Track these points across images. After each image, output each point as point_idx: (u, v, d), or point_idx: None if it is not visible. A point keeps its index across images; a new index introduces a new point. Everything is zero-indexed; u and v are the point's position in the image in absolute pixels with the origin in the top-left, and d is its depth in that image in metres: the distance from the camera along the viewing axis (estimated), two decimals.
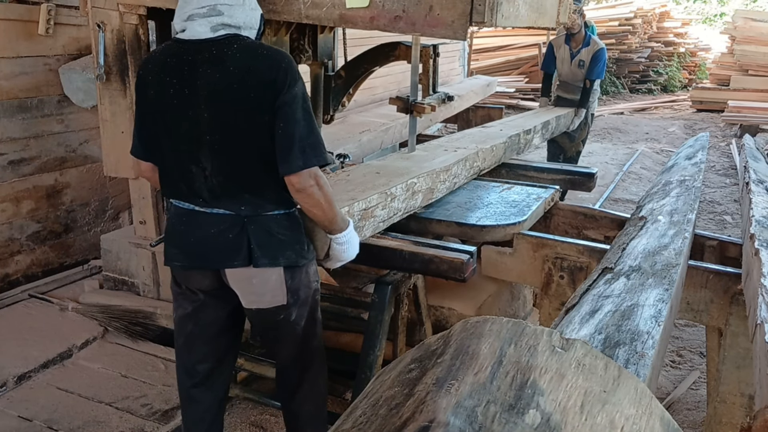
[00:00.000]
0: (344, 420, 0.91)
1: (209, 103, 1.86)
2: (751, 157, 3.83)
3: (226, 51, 1.86)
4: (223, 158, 1.90)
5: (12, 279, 3.77)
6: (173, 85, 1.90)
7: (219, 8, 1.87)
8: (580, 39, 5.65)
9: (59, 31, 3.79)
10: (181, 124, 1.91)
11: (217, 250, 1.94)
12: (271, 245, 1.94)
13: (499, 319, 1.00)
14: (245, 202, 1.92)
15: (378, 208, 2.45)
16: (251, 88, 1.84)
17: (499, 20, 2.43)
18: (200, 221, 1.95)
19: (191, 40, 1.89)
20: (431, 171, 2.89)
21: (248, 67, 1.85)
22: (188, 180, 1.94)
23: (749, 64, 12.01)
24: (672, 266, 1.91)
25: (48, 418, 2.74)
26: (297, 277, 2.02)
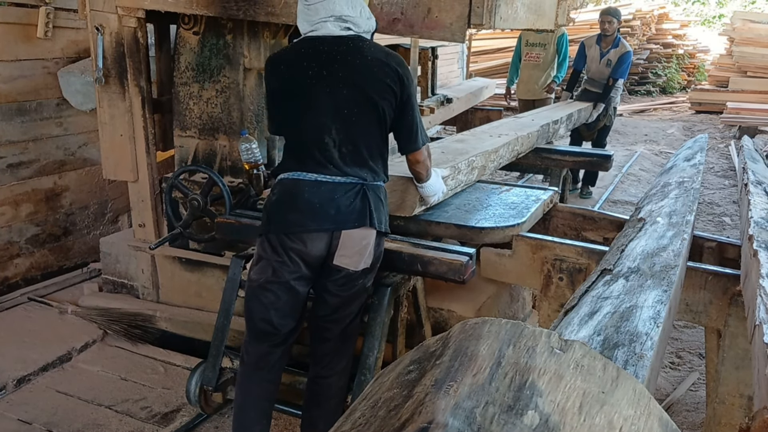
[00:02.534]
0: (343, 422, 0.91)
1: (349, 83, 2.19)
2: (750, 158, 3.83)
3: (361, 45, 2.22)
4: (354, 129, 2.22)
5: (11, 282, 3.77)
6: (312, 68, 2.21)
7: (344, 18, 2.19)
8: (610, 41, 6.23)
9: (58, 34, 3.80)
10: (318, 100, 2.21)
11: (340, 214, 2.21)
12: (380, 211, 2.28)
13: (498, 320, 1.00)
14: (369, 170, 2.26)
15: (449, 179, 2.90)
16: (386, 77, 2.20)
17: (497, 22, 2.43)
18: (325, 188, 2.22)
19: (325, 36, 2.20)
20: (485, 152, 3.37)
21: (383, 61, 2.21)
22: (320, 150, 2.23)
23: (748, 66, 12.02)
24: (671, 267, 1.91)
25: (47, 421, 2.73)
26: (381, 245, 2.36)
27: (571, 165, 4.73)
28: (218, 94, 3.18)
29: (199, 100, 3.20)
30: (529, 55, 6.73)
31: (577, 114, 5.87)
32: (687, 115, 12.40)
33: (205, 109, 3.22)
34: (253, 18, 2.80)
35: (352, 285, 2.32)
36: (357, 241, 2.25)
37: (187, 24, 3.10)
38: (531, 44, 6.69)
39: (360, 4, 2.24)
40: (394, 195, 2.68)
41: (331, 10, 2.17)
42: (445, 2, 2.40)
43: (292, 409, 2.64)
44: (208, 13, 2.85)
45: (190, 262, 3.32)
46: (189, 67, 3.17)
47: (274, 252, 2.27)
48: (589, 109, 6.22)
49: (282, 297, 2.31)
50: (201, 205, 3.07)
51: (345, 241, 2.24)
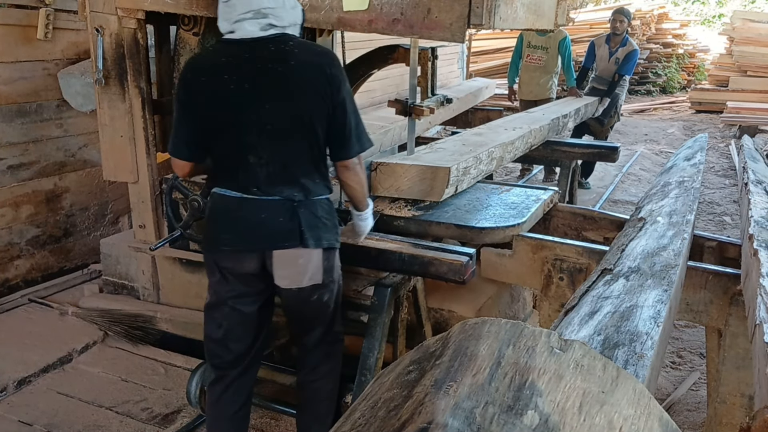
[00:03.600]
0: (343, 422, 0.91)
1: (274, 95, 2.03)
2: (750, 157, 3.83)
3: (284, 48, 2.04)
4: (282, 147, 2.07)
5: (12, 284, 3.77)
6: (232, 81, 2.03)
7: (263, 11, 2.01)
8: (619, 40, 6.54)
9: (58, 35, 3.80)
10: (241, 116, 2.05)
11: (268, 234, 2.10)
12: (318, 228, 2.13)
13: (498, 320, 1.00)
14: (300, 187, 2.10)
15: (472, 168, 3.10)
16: (314, 82, 2.03)
17: (497, 22, 2.43)
18: (251, 207, 2.10)
19: (243, 40, 2.03)
20: (502, 143, 3.58)
21: (310, 63, 2.04)
22: (245, 169, 2.09)
23: (748, 65, 12.02)
24: (671, 267, 1.91)
25: (48, 422, 2.73)
26: (332, 259, 2.22)
27: (580, 156, 4.97)
28: None
29: None
30: (531, 57, 6.77)
31: (584, 108, 6.12)
32: (687, 115, 12.40)
33: None
34: None
35: (305, 301, 2.23)
36: (291, 260, 2.13)
37: (187, 25, 3.10)
38: (533, 46, 6.72)
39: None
40: (424, 182, 2.88)
41: (248, 3, 2.00)
42: (445, 3, 2.39)
43: (292, 410, 2.64)
44: (208, 14, 2.85)
45: (191, 263, 3.32)
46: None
47: (212, 272, 2.22)
48: (595, 104, 6.42)
49: (227, 317, 2.24)
50: (201, 206, 3.06)
51: (278, 260, 2.13)
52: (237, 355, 2.30)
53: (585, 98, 6.49)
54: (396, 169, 2.93)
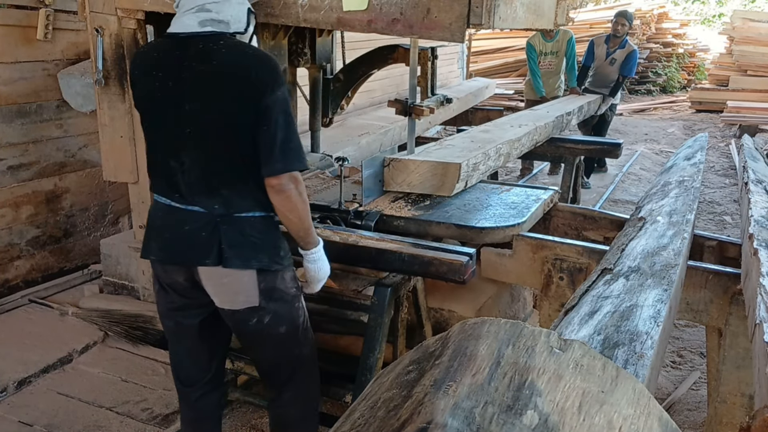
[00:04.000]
0: (343, 422, 0.91)
1: (193, 97, 1.87)
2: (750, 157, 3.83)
3: (213, 47, 1.87)
4: (201, 153, 1.90)
5: (12, 284, 3.77)
6: (159, 78, 1.92)
7: (207, 6, 1.89)
8: (618, 42, 6.70)
9: (58, 36, 3.80)
10: (164, 117, 1.93)
11: (189, 248, 1.94)
12: (244, 246, 1.92)
13: (497, 320, 1.00)
14: (219, 200, 1.91)
15: (481, 164, 3.17)
16: (236, 86, 1.85)
17: (496, 22, 2.43)
18: (176, 217, 1.96)
19: (179, 35, 1.91)
20: (509, 140, 3.70)
21: (235, 65, 1.87)
22: (167, 174, 1.95)
23: (748, 65, 12.01)
24: (671, 267, 1.91)
25: (48, 423, 2.73)
26: (272, 282, 2.00)
27: (584, 153, 5.03)
28: None
29: None
30: (542, 64, 6.97)
31: (587, 106, 6.26)
32: (687, 114, 12.39)
33: None
34: None
35: (243, 323, 2.05)
36: (216, 279, 1.96)
37: None
38: (544, 54, 6.92)
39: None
40: (435, 178, 2.96)
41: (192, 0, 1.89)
42: (445, 2, 2.39)
43: None
44: None
45: None
46: None
47: (152, 279, 2.13)
48: (597, 102, 6.57)
49: (171, 331, 2.16)
50: None
51: (204, 278, 1.97)
52: (190, 374, 2.20)
53: (587, 96, 6.63)
54: (408, 164, 2.98)
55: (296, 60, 3.37)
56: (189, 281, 2.01)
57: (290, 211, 1.94)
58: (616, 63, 6.69)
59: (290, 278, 2.07)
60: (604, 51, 6.77)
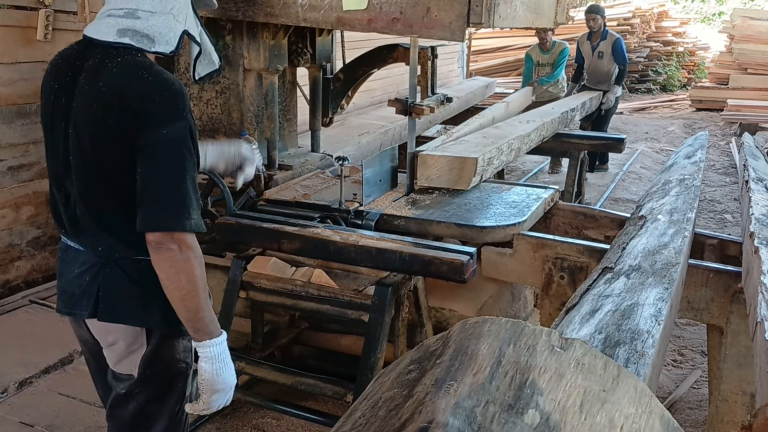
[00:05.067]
0: (344, 422, 0.91)
1: (76, 120, 1.59)
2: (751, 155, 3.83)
3: (108, 63, 1.57)
4: (84, 188, 1.62)
5: (12, 285, 3.77)
6: (55, 91, 1.66)
7: (138, 14, 1.60)
8: (599, 35, 6.96)
9: (58, 36, 3.79)
10: (53, 137, 1.67)
11: (74, 295, 1.68)
12: (124, 297, 1.63)
13: (498, 319, 1.00)
14: (103, 241, 1.63)
15: (494, 159, 3.28)
16: (113, 116, 1.53)
17: (496, 21, 2.43)
18: (70, 258, 1.71)
19: (92, 41, 1.63)
20: (519, 136, 3.81)
21: (120, 89, 1.54)
22: (55, 204, 1.71)
23: (748, 63, 12.00)
24: (672, 265, 1.91)
25: (49, 423, 2.73)
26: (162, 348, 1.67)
27: (588, 148, 5.18)
28: (218, 95, 3.18)
29: (198, 102, 3.20)
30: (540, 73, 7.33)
31: (590, 102, 6.45)
32: (687, 113, 12.39)
33: (205, 110, 3.22)
34: (252, 19, 2.80)
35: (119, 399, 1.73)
36: (102, 335, 1.68)
37: None
38: (542, 65, 7.31)
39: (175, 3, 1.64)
40: (452, 172, 3.05)
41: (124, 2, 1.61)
42: (444, 1, 2.39)
43: (293, 410, 2.64)
44: (206, 14, 2.85)
45: None
46: (188, 68, 3.17)
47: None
48: (599, 98, 6.79)
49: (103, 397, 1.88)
50: (201, 206, 3.06)
51: (93, 331, 1.71)
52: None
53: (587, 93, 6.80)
54: (426, 159, 3.08)
55: (296, 59, 3.36)
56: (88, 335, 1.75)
57: (167, 278, 1.53)
58: (605, 56, 6.90)
59: (183, 349, 1.73)
60: (589, 47, 7.01)
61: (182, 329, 1.63)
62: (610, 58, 6.88)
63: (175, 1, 1.65)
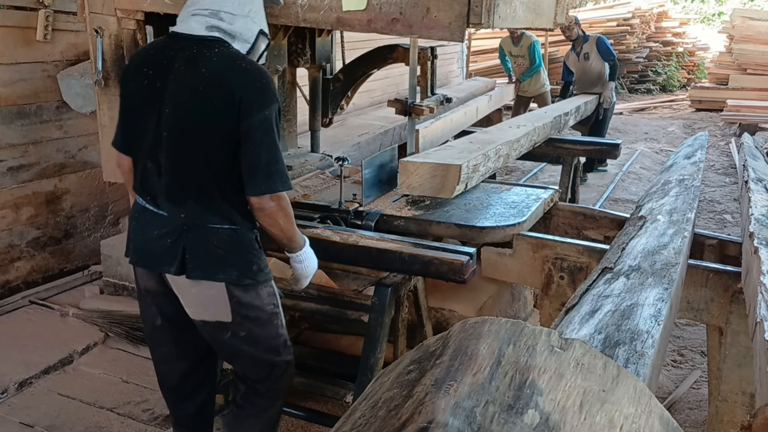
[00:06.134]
0: (343, 422, 0.91)
1: (174, 101, 1.85)
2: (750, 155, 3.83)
3: (206, 53, 1.84)
4: (174, 159, 1.88)
5: (12, 285, 3.77)
6: (149, 76, 1.90)
7: (221, 15, 1.87)
8: (580, 41, 6.99)
9: (57, 37, 3.79)
10: (148, 116, 1.91)
11: (156, 253, 1.92)
12: (209, 258, 1.89)
13: (498, 319, 1.00)
14: (187, 209, 1.89)
15: (481, 165, 3.08)
16: (217, 98, 1.81)
17: (496, 21, 2.43)
18: (149, 220, 1.95)
19: (181, 35, 1.90)
20: (509, 141, 3.60)
21: (221, 76, 1.82)
22: (145, 175, 1.95)
23: (748, 63, 12.00)
24: (671, 265, 1.91)
25: (49, 424, 2.73)
26: (245, 297, 1.95)
27: (582, 153, 5.03)
28: None
29: None
30: (515, 63, 7.69)
31: (584, 106, 6.30)
32: (687, 113, 12.39)
33: None
34: None
35: (214, 337, 2.04)
36: (185, 288, 1.94)
37: None
38: (514, 55, 7.66)
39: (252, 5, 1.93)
40: (435, 179, 2.85)
41: (209, 3, 1.88)
42: (444, 2, 2.39)
43: (293, 410, 2.64)
44: None
45: None
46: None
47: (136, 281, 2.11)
48: (594, 101, 6.71)
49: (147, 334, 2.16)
50: None
51: (172, 285, 1.97)
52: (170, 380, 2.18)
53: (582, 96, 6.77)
54: (408, 166, 2.88)
55: (296, 60, 3.36)
56: (161, 287, 2.00)
57: (272, 226, 1.95)
58: (592, 56, 6.89)
59: (267, 294, 2.02)
60: (575, 55, 7.06)
61: (259, 280, 1.97)
62: (596, 56, 6.87)
63: (251, 4, 1.91)
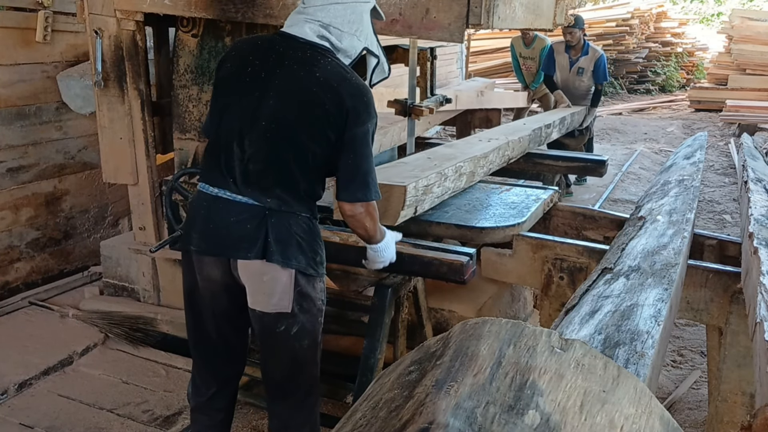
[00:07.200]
0: (344, 423, 0.91)
1: (280, 95, 1.91)
2: (750, 155, 3.83)
3: (319, 59, 1.92)
4: (267, 148, 1.92)
5: (12, 286, 3.77)
6: (253, 64, 1.95)
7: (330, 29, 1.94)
8: (579, 48, 6.17)
9: (57, 38, 3.79)
10: (244, 102, 1.95)
11: (233, 239, 1.93)
12: (289, 243, 1.93)
13: (498, 320, 1.00)
14: (272, 195, 1.93)
15: (435, 186, 2.74)
16: (327, 106, 1.89)
17: (495, 22, 2.43)
18: (223, 207, 1.95)
19: (292, 36, 1.96)
20: (473, 157, 3.20)
21: (334, 83, 1.89)
22: (226, 159, 1.96)
23: (747, 63, 12.01)
24: (671, 266, 1.91)
25: (49, 425, 2.73)
26: (306, 287, 1.99)
27: (565, 170, 4.58)
28: None
29: (198, 103, 3.20)
30: (524, 65, 7.28)
31: (570, 118, 5.67)
32: (686, 113, 12.40)
33: (205, 112, 3.21)
34: (252, 20, 2.80)
35: (269, 331, 2.02)
36: (256, 275, 1.95)
37: (185, 27, 3.10)
38: (524, 57, 7.22)
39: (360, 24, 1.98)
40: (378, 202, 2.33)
41: (322, 16, 1.94)
42: (444, 3, 2.39)
43: None
44: (206, 15, 2.85)
45: None
46: (188, 69, 3.17)
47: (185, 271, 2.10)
48: (583, 113, 6.10)
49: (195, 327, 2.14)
50: None
51: (243, 272, 1.97)
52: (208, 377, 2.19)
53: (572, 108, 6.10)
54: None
55: None
56: (225, 276, 2.00)
57: (357, 228, 2.06)
58: (585, 72, 6.15)
59: (320, 289, 2.06)
60: (567, 60, 6.24)
61: (319, 272, 2.02)
62: (590, 75, 6.15)
63: (359, 23, 1.98)
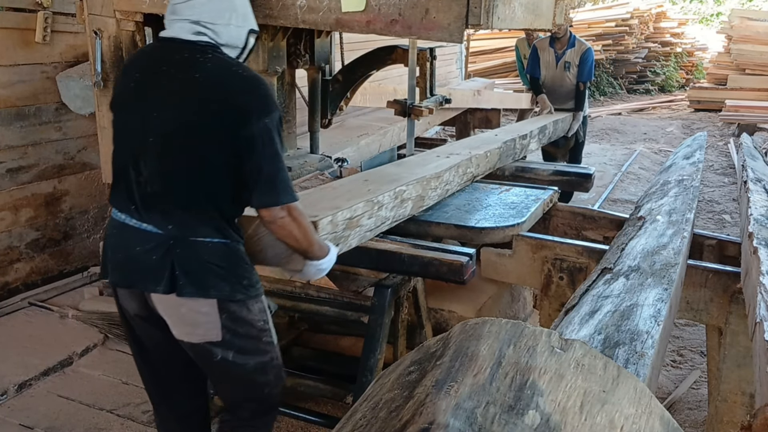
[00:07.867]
0: (344, 423, 0.91)
1: (164, 105, 1.76)
2: (749, 155, 3.83)
3: (199, 58, 1.77)
4: (160, 166, 1.76)
5: (11, 287, 3.77)
6: (136, 80, 1.83)
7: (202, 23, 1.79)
8: (566, 41, 5.57)
9: (56, 38, 3.79)
10: (130, 120, 1.81)
11: (140, 271, 1.78)
12: (203, 273, 1.76)
13: (498, 320, 1.00)
14: (175, 220, 1.76)
15: (364, 217, 2.30)
16: (216, 107, 1.72)
17: (495, 22, 2.43)
18: (129, 235, 1.80)
19: (171, 39, 1.82)
20: (421, 178, 2.74)
21: (216, 82, 1.75)
22: (126, 183, 1.81)
23: (746, 63, 12.02)
24: (671, 266, 1.91)
25: (49, 426, 2.73)
26: (239, 312, 1.83)
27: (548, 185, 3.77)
28: None
29: None
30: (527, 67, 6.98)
31: (553, 126, 5.12)
32: (686, 114, 12.41)
33: None
34: None
35: (205, 360, 1.89)
36: (172, 308, 1.79)
37: None
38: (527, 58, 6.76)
39: (233, 12, 1.83)
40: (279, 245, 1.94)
41: (189, 13, 1.80)
42: (443, 3, 2.39)
43: (293, 411, 2.64)
44: None
45: None
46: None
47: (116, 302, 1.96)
48: (567, 121, 5.51)
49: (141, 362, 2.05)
50: None
51: (158, 306, 1.82)
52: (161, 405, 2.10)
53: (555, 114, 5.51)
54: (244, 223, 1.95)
55: (295, 61, 3.36)
56: (143, 309, 1.87)
57: (285, 237, 1.82)
58: (572, 67, 5.57)
59: (258, 310, 1.89)
60: (552, 55, 5.63)
61: (251, 294, 1.84)
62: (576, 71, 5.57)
63: (231, 11, 1.82)
